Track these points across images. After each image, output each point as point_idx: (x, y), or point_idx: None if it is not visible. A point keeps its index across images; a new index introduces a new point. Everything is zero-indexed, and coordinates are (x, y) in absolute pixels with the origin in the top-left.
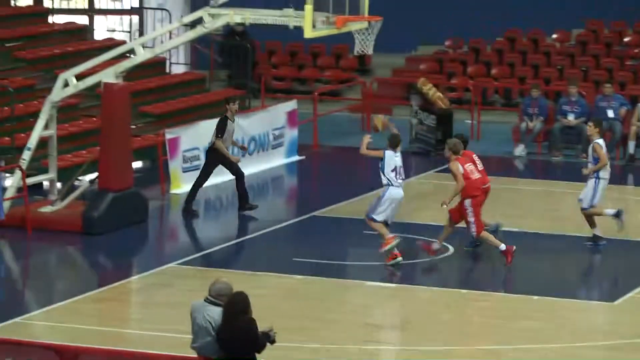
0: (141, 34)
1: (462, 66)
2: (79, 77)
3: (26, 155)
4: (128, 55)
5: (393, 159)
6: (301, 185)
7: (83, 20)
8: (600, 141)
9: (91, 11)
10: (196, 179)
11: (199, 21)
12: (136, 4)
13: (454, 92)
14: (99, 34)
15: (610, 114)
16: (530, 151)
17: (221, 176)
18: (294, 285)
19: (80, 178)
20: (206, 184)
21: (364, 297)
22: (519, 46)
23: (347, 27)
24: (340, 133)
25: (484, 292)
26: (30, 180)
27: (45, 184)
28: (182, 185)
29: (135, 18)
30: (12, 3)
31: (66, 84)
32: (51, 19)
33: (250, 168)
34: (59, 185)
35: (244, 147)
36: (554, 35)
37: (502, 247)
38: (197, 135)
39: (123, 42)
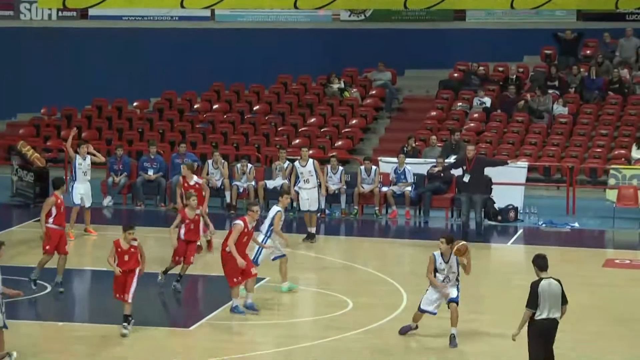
0: None
1: (57, 130)
2: None
3: None
4: None
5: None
6: None
7: None
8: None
9: None
10: None
11: None
12: None
13: (49, 153)
14: None
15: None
16: (117, 202)
17: None
18: None
19: None
20: None
21: None
22: (106, 113)
23: None
24: None
25: (79, 323)
26: None
27: None
28: None
29: None
30: None
31: None
32: None
33: None
34: None
35: None
36: (135, 104)
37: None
38: None
39: None
